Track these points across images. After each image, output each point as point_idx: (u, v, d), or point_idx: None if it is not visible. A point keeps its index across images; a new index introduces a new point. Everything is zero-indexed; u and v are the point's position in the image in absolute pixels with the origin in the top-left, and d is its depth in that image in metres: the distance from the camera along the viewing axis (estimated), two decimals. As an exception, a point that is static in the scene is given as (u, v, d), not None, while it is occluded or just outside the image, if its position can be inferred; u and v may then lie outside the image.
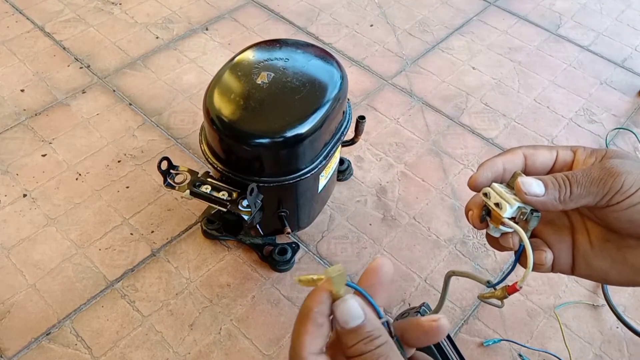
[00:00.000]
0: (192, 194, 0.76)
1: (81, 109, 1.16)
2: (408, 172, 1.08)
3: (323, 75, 0.77)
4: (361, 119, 0.87)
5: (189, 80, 1.24)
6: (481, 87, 1.26)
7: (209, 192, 0.76)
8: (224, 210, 0.75)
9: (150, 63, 1.27)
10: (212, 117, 0.74)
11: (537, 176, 0.36)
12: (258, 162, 0.75)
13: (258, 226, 0.83)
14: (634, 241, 0.36)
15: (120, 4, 1.42)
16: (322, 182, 0.86)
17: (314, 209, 0.93)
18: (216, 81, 0.77)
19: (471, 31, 1.40)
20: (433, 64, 1.31)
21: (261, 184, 0.75)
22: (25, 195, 1.01)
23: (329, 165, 0.83)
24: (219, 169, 0.77)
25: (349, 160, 1.06)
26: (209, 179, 0.78)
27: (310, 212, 0.92)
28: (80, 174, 1.05)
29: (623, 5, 1.51)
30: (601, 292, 0.91)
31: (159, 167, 0.76)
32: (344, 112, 0.83)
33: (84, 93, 1.20)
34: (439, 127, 1.16)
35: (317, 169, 0.78)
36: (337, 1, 1.47)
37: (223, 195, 0.75)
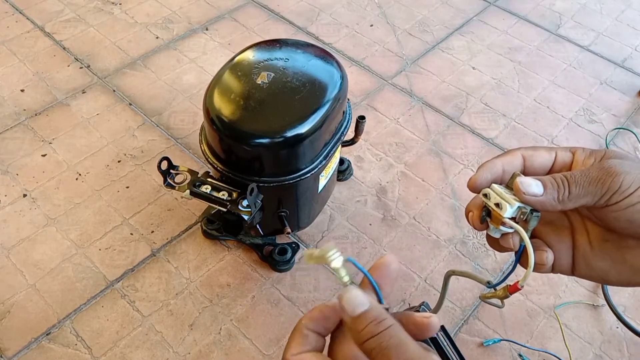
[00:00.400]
0: (192, 194, 0.76)
1: (81, 109, 1.16)
2: (408, 172, 1.08)
3: (323, 75, 0.77)
4: (361, 119, 0.87)
5: (189, 80, 1.24)
6: (481, 87, 1.26)
7: (209, 192, 0.76)
8: (224, 210, 0.75)
9: (150, 63, 1.27)
10: (212, 117, 0.74)
11: (535, 176, 0.36)
12: (258, 162, 0.75)
13: (258, 226, 0.83)
14: (633, 241, 0.36)
15: (120, 4, 1.42)
16: (322, 182, 0.86)
17: (314, 209, 0.93)
18: (216, 81, 0.77)
19: (471, 31, 1.40)
20: (433, 64, 1.31)
21: (261, 184, 0.75)
22: (25, 195, 1.01)
23: (329, 165, 0.83)
24: (219, 169, 0.77)
25: (349, 160, 1.06)
26: (209, 179, 0.78)
27: (310, 212, 0.92)
28: (80, 174, 1.05)
29: (623, 5, 1.51)
30: (601, 292, 0.91)
31: (159, 167, 0.76)
32: (344, 112, 0.83)
33: (84, 93, 1.20)
34: (439, 127, 1.16)
35: (317, 169, 0.78)
36: (337, 1, 1.47)
37: (223, 195, 0.75)
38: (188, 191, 0.77)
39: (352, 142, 0.91)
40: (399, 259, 0.95)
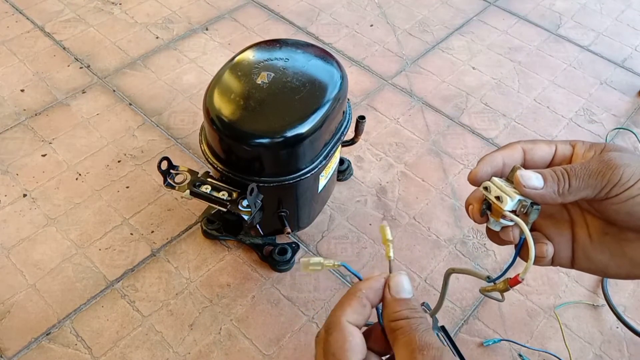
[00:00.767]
0: (192, 194, 0.76)
1: (81, 109, 1.16)
2: (408, 172, 1.08)
3: (323, 75, 0.77)
4: (361, 119, 0.87)
5: (189, 80, 1.24)
6: (481, 87, 1.26)
7: (209, 192, 0.76)
8: (224, 210, 0.75)
9: (150, 63, 1.27)
10: (212, 117, 0.74)
11: (536, 169, 0.36)
12: (258, 162, 0.75)
13: (258, 226, 0.83)
14: (632, 234, 0.36)
15: (120, 4, 1.42)
16: (322, 182, 0.86)
17: (314, 209, 0.93)
18: (216, 81, 0.77)
19: (471, 31, 1.40)
20: (433, 64, 1.31)
21: (261, 184, 0.75)
22: (25, 195, 1.01)
23: (329, 165, 0.83)
24: (219, 169, 0.77)
25: (349, 160, 1.06)
26: (209, 179, 0.78)
27: (310, 212, 0.92)
28: (80, 174, 1.05)
29: (623, 5, 1.51)
30: (601, 292, 0.91)
31: (159, 167, 0.76)
32: (344, 112, 0.83)
33: (84, 93, 1.20)
34: (439, 127, 1.16)
35: (317, 169, 0.78)
36: (337, 1, 1.47)
37: (223, 195, 0.75)
38: (188, 191, 0.77)
39: (352, 142, 0.91)
40: (399, 259, 0.95)
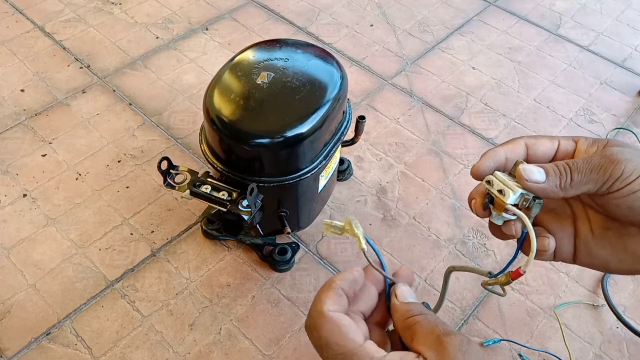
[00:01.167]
0: (192, 194, 0.76)
1: (81, 109, 1.16)
2: (408, 172, 1.08)
3: (323, 75, 0.77)
4: (361, 119, 0.87)
5: (189, 80, 1.24)
6: (481, 87, 1.26)
7: (209, 192, 0.76)
8: (224, 210, 0.75)
9: (150, 63, 1.27)
10: (212, 117, 0.74)
11: (538, 164, 0.36)
12: (258, 162, 0.75)
13: (258, 226, 0.83)
14: (634, 229, 0.36)
15: (120, 4, 1.42)
16: (322, 182, 0.86)
17: (314, 209, 0.93)
18: (216, 81, 0.77)
19: (471, 31, 1.40)
20: (433, 64, 1.31)
21: (261, 184, 0.75)
22: (25, 195, 1.01)
23: (329, 165, 0.83)
24: (219, 169, 0.77)
25: (349, 160, 1.06)
26: (209, 179, 0.78)
27: (310, 212, 0.92)
28: (80, 174, 1.05)
29: (623, 5, 1.51)
30: (601, 292, 0.91)
31: (159, 167, 0.76)
32: (344, 112, 0.83)
33: (84, 93, 1.20)
34: (439, 127, 1.16)
35: (317, 169, 0.78)
36: (337, 1, 1.47)
37: (223, 195, 0.75)
38: (188, 191, 0.77)
39: (352, 142, 0.91)
40: (399, 259, 0.95)
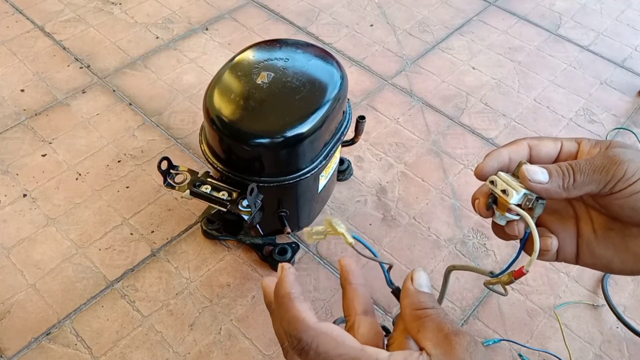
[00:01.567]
0: (192, 194, 0.76)
1: (81, 109, 1.16)
2: (408, 172, 1.08)
3: (323, 75, 0.77)
4: (361, 119, 0.87)
5: (189, 80, 1.24)
6: (481, 87, 1.26)
7: (209, 192, 0.76)
8: (224, 210, 0.75)
9: (150, 63, 1.27)
10: (212, 117, 0.74)
11: (541, 165, 0.36)
12: (258, 162, 0.75)
13: (258, 226, 0.83)
14: (637, 230, 0.37)
15: (120, 4, 1.42)
16: (322, 182, 0.86)
17: (314, 209, 0.93)
18: (216, 81, 0.77)
19: (471, 31, 1.40)
20: (433, 64, 1.31)
21: (261, 184, 0.75)
22: (25, 195, 1.01)
23: (329, 165, 0.83)
24: (219, 169, 0.77)
25: (349, 160, 1.06)
26: (209, 179, 0.78)
27: (310, 212, 0.92)
28: (80, 174, 1.05)
29: (623, 5, 1.51)
30: (601, 292, 0.91)
31: (159, 167, 0.76)
32: (344, 112, 0.83)
33: (84, 93, 1.20)
34: (439, 127, 1.16)
35: (317, 169, 0.78)
36: (337, 1, 1.47)
37: (223, 195, 0.75)
38: (188, 191, 0.77)
39: (352, 142, 0.91)
40: (399, 259, 0.95)
